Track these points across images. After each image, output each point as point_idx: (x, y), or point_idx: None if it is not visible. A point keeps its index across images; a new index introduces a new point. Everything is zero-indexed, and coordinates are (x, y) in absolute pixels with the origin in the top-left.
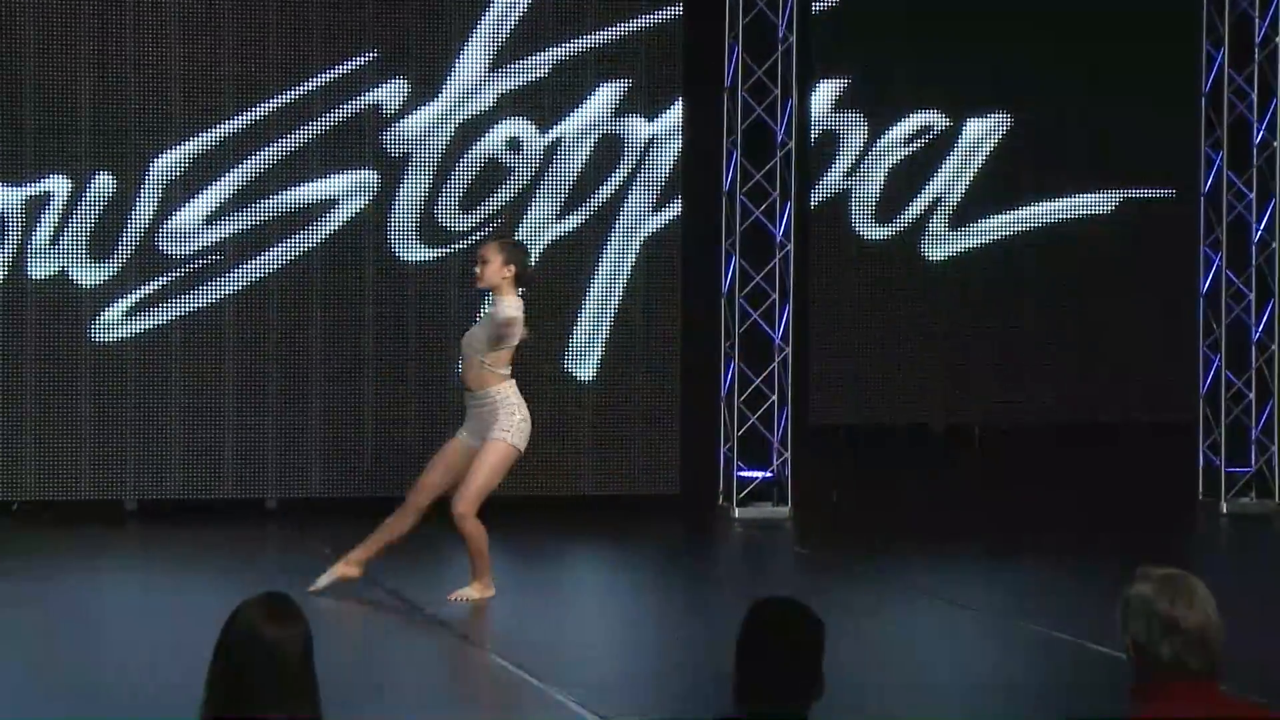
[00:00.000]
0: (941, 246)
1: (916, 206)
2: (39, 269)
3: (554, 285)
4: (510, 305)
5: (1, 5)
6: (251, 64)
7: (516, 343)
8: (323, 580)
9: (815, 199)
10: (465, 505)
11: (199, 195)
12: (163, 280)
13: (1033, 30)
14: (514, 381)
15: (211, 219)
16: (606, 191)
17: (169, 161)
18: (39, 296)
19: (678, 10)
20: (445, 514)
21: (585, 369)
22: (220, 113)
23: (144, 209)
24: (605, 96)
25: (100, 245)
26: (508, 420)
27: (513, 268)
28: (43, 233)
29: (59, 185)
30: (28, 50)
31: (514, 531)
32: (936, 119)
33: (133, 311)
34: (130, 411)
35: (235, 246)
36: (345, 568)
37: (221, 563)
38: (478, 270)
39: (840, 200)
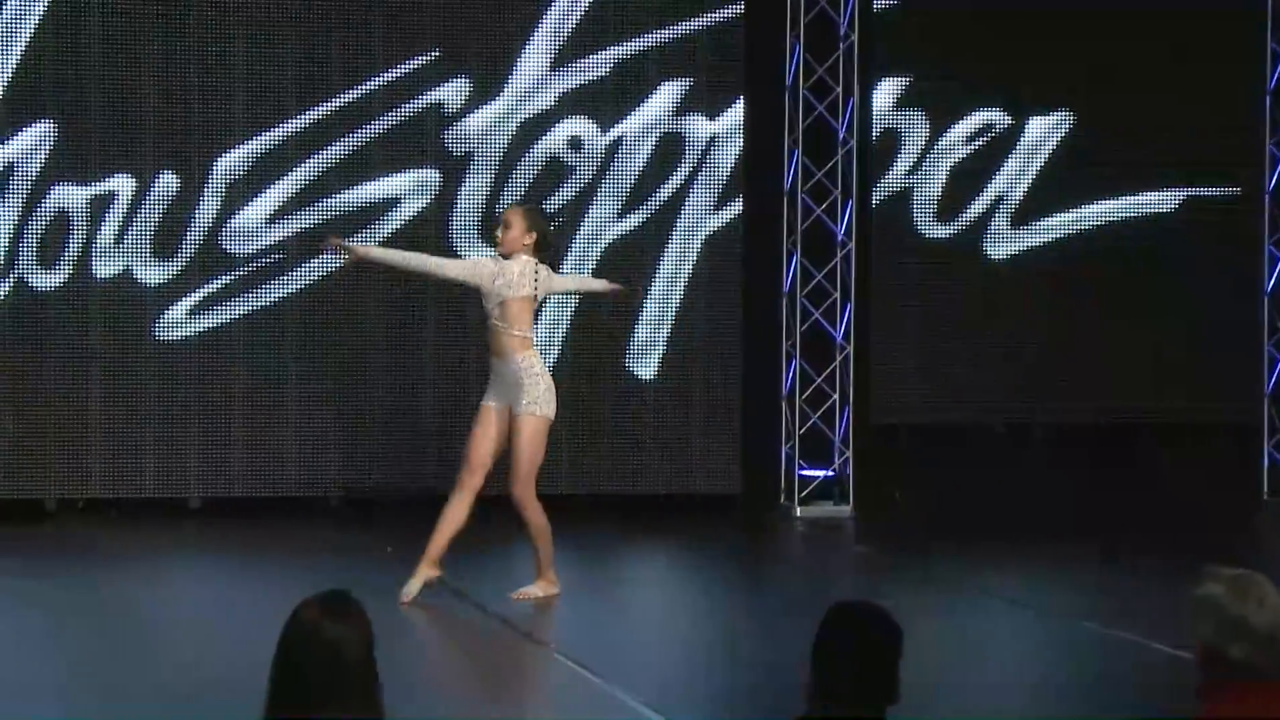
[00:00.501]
0: (1003, 245)
1: (978, 205)
2: (104, 267)
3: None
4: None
5: (67, 6)
6: (314, 63)
7: (514, 296)
8: (413, 587)
9: (877, 197)
10: (521, 487)
11: (262, 194)
12: (226, 278)
13: (1095, 27)
14: (537, 347)
15: (274, 217)
16: (668, 190)
17: (232, 160)
18: (104, 295)
19: (739, 9)
20: (509, 513)
21: (647, 367)
22: (283, 112)
23: (207, 207)
24: (667, 95)
25: (164, 244)
26: (534, 390)
27: (534, 234)
28: (107, 231)
29: (123, 184)
30: (93, 50)
31: (575, 530)
32: (998, 117)
33: (196, 309)
34: (194, 409)
35: (298, 245)
36: (429, 569)
37: (284, 560)
38: (499, 234)
39: (902, 198)
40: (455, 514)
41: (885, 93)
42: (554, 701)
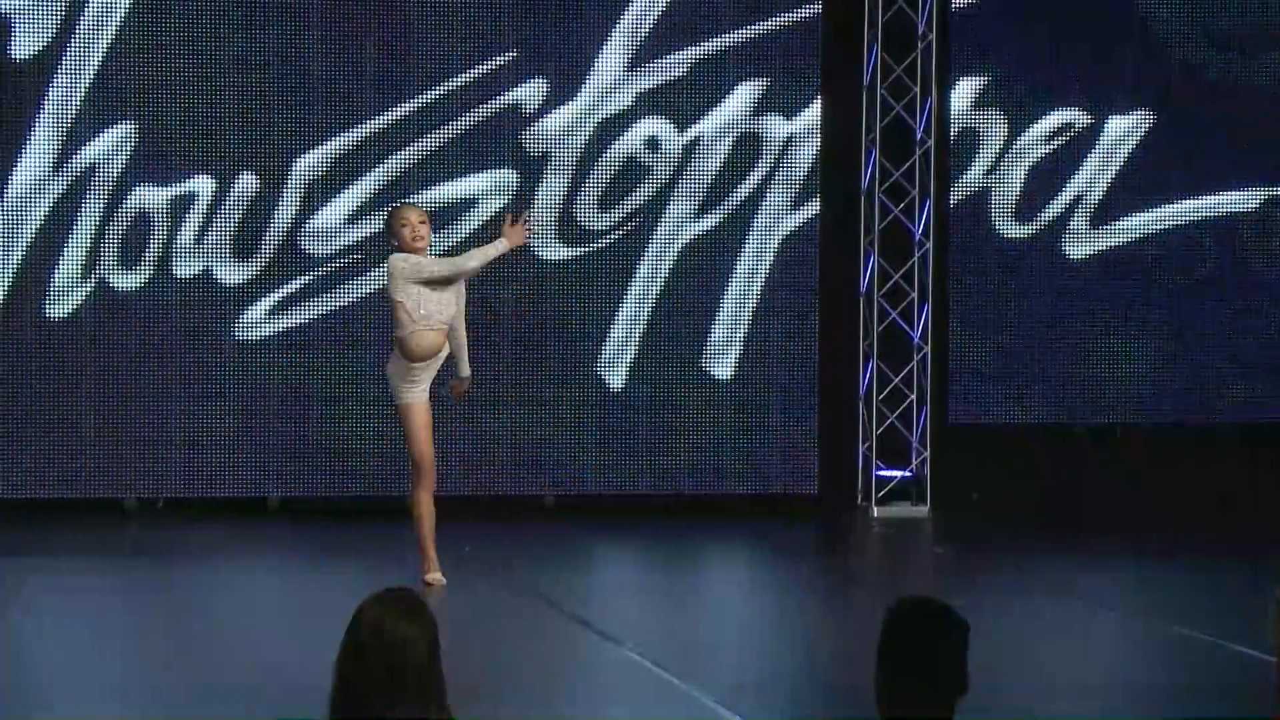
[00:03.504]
0: (1082, 245)
1: (1057, 204)
2: (184, 268)
3: (692, 284)
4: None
5: (146, 10)
6: (392, 64)
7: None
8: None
9: (954, 197)
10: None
11: (341, 194)
12: (304, 279)
13: (1174, 26)
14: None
15: (353, 218)
16: (745, 190)
17: (311, 161)
18: (184, 295)
19: (817, 9)
20: (584, 514)
21: (723, 367)
22: (361, 112)
23: (287, 208)
24: (744, 95)
25: (243, 244)
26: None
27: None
28: (187, 232)
29: (203, 185)
30: (172, 52)
31: (652, 530)
32: (1077, 116)
33: (275, 310)
34: (272, 408)
35: (376, 245)
36: (435, 576)
37: (361, 559)
38: (422, 232)
39: (980, 198)
40: (429, 510)
41: (963, 92)
42: (628, 700)
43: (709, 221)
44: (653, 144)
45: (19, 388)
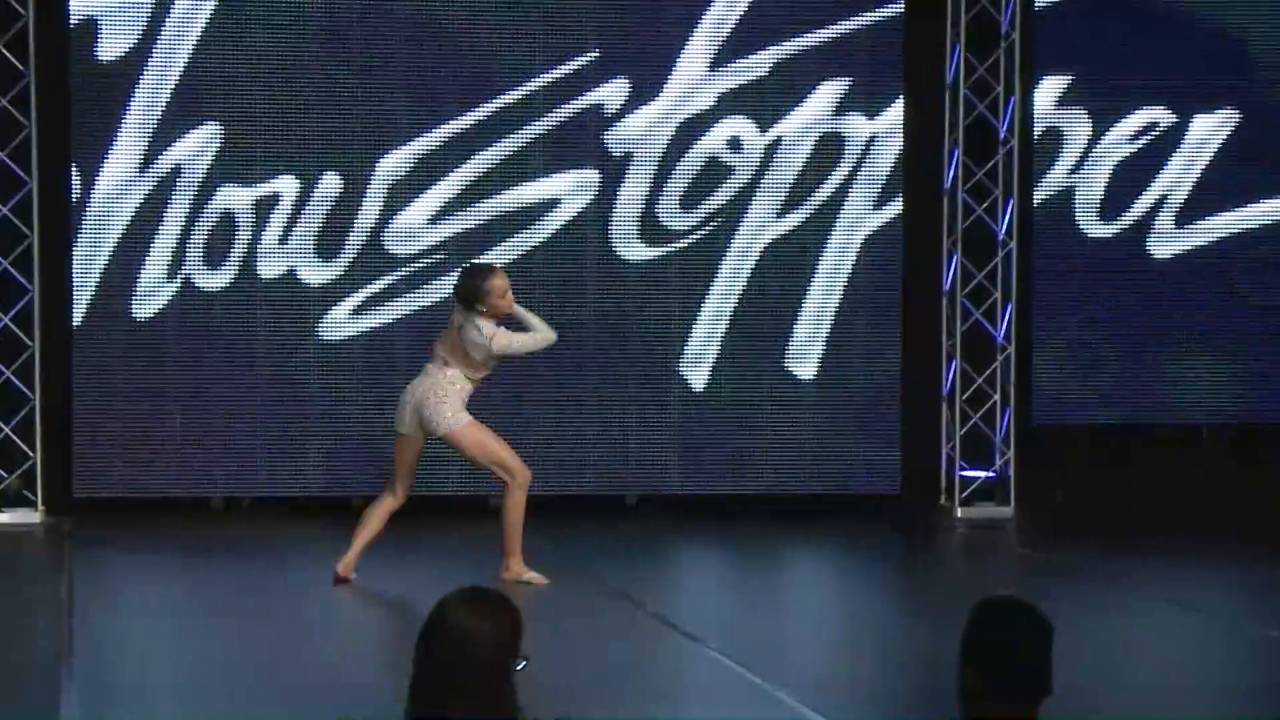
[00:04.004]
0: (1167, 243)
1: (1142, 203)
2: (268, 268)
3: (774, 284)
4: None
5: (229, 11)
6: (475, 64)
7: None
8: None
9: (1038, 196)
10: None
11: (424, 194)
12: (389, 278)
13: (1260, 23)
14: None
15: (436, 218)
16: (827, 190)
17: (394, 161)
18: (268, 295)
19: (899, 8)
20: (668, 515)
21: (805, 367)
22: (444, 113)
23: (370, 208)
24: (826, 94)
25: (327, 244)
26: None
27: None
28: (272, 232)
29: (287, 186)
30: (256, 54)
31: (735, 530)
32: (1162, 115)
33: (359, 310)
34: (358, 408)
35: (459, 245)
36: (520, 569)
37: (446, 559)
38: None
39: (1064, 198)
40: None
41: (1046, 91)
42: (711, 699)
43: (791, 221)
44: (735, 143)
45: (105, 387)
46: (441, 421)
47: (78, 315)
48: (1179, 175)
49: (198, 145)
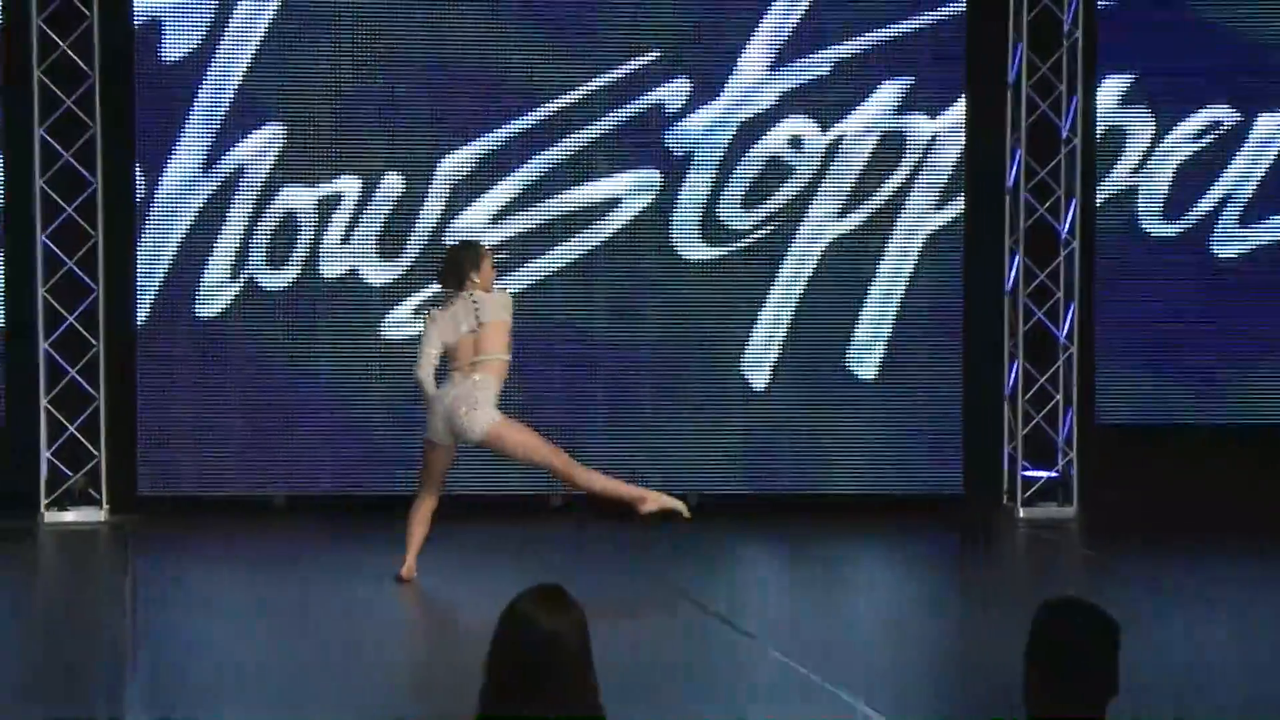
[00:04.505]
0: (1231, 242)
1: (1205, 203)
2: (331, 267)
3: (834, 283)
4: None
5: (291, 12)
6: (537, 64)
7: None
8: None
9: (1100, 195)
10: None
11: (486, 194)
12: None
13: None
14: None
15: (498, 217)
16: (889, 188)
17: (456, 161)
18: (331, 294)
19: (961, 7)
20: (729, 513)
21: (867, 367)
22: (506, 113)
23: (432, 208)
24: (887, 93)
25: (389, 244)
26: None
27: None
28: (334, 232)
29: (349, 186)
30: (318, 54)
31: (794, 530)
32: (1226, 114)
33: (422, 308)
34: (420, 407)
35: (521, 244)
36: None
37: (512, 560)
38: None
39: (1126, 197)
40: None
41: (1109, 90)
42: (771, 698)
43: (852, 220)
44: (795, 143)
45: (169, 387)
46: (476, 427)
47: (142, 314)
48: (1242, 174)
49: (260, 145)
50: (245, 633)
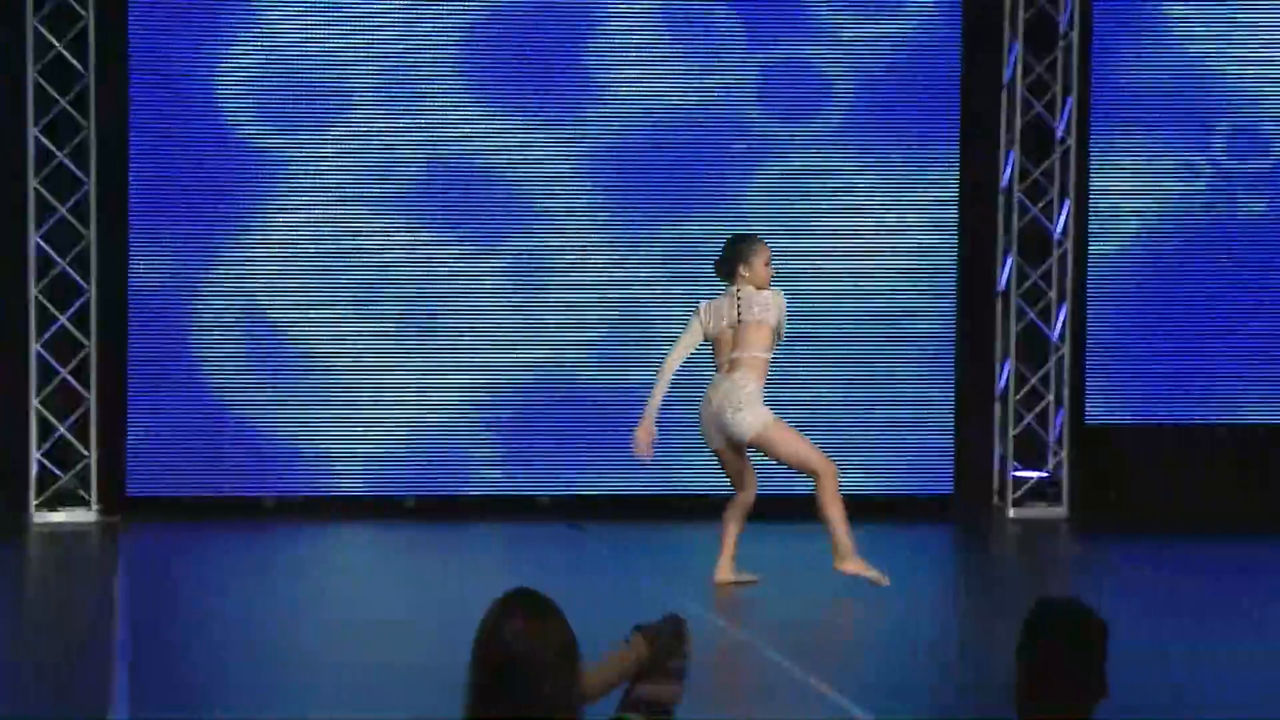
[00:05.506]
0: (1227, 243)
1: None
2: (323, 270)
3: (827, 282)
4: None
5: (291, 16)
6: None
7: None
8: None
9: (1094, 197)
10: None
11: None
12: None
13: None
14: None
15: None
16: (881, 188)
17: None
18: (323, 295)
19: (955, 6)
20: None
21: (859, 367)
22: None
23: (432, 209)
24: (881, 94)
25: (382, 246)
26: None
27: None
28: (327, 234)
29: (346, 188)
30: (318, 54)
31: (787, 530)
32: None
33: (404, 314)
34: (400, 409)
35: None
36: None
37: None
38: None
39: (1120, 198)
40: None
41: (1104, 91)
42: (764, 699)
43: (845, 220)
44: (788, 143)
45: (161, 387)
46: (744, 430)
47: (134, 315)
48: None
49: (257, 146)
50: (234, 634)
